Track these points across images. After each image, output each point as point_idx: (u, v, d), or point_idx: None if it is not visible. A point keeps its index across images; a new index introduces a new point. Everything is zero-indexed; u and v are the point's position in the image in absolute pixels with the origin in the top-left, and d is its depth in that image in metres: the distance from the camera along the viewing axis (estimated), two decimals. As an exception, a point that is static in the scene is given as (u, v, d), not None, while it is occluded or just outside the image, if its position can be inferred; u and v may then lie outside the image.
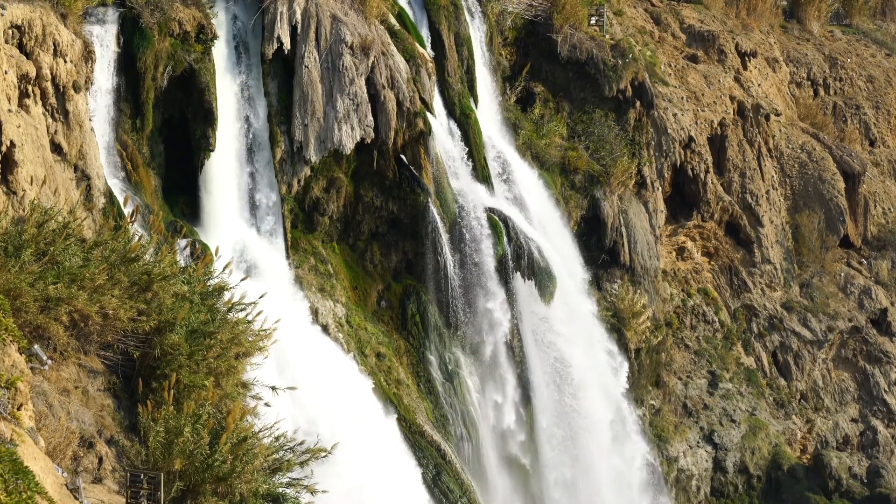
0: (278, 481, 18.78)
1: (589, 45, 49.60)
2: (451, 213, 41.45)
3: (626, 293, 48.58)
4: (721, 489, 51.53)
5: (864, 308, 58.32)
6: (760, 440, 52.47)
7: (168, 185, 36.25)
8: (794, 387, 55.58)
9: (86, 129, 31.40)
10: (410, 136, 40.51)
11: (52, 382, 18.67)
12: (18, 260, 18.42)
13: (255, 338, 21.06)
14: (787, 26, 67.90)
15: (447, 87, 44.15)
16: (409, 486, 36.66)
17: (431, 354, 41.14)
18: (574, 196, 48.04)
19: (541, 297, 43.25)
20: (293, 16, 38.31)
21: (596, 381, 45.77)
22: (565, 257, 45.65)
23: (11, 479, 13.06)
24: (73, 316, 18.96)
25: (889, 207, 63.16)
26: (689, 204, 54.77)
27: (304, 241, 39.48)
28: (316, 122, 38.44)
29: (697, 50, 59.16)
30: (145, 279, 20.01)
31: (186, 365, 19.42)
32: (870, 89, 67.55)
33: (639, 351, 49.16)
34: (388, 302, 41.37)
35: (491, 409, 42.29)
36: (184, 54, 35.62)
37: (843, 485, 53.06)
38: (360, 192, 40.59)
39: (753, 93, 58.99)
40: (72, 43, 30.91)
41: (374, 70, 39.37)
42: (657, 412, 50.63)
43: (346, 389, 36.11)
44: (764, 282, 56.53)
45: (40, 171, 27.50)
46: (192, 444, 17.45)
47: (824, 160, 60.06)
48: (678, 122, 53.08)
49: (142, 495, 16.75)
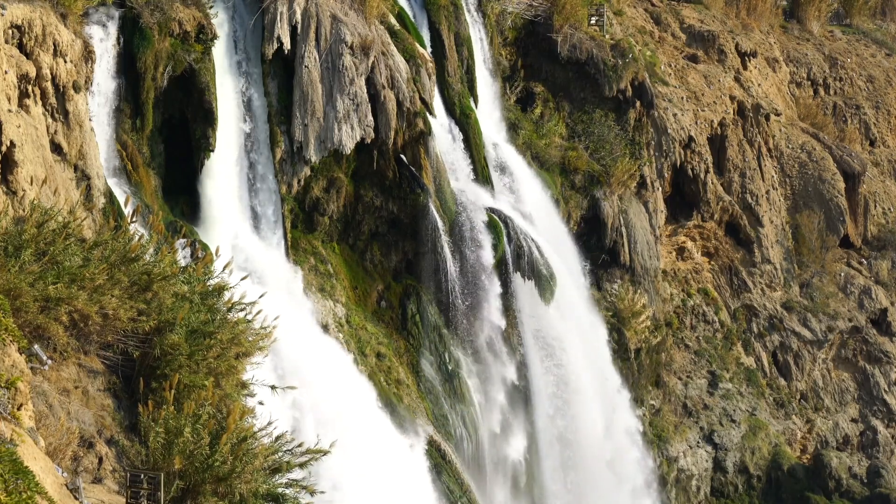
0: (278, 481, 18.77)
1: (589, 45, 49.61)
2: (451, 213, 41.44)
3: (626, 293, 48.59)
4: (721, 489, 51.52)
5: (864, 308, 58.31)
6: (760, 440, 52.46)
7: (168, 185, 36.23)
8: (794, 387, 55.57)
9: (86, 129, 31.39)
10: (410, 136, 40.50)
11: (52, 382, 18.66)
12: (18, 260, 18.42)
13: (255, 337, 21.04)
14: (787, 26, 67.89)
15: (447, 87, 44.14)
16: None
17: (431, 354, 41.13)
18: (574, 196, 48.05)
19: (541, 297, 43.26)
20: (293, 16, 38.30)
21: (595, 381, 45.79)
22: (565, 257, 45.65)
23: (11, 479, 13.06)
24: (73, 316, 18.95)
25: (889, 207, 63.16)
26: (689, 204, 54.77)
27: (304, 241, 39.47)
28: (316, 122, 38.43)
29: (697, 50, 59.16)
30: (145, 279, 20.00)
31: (186, 365, 19.41)
32: (870, 89, 67.54)
33: (639, 351, 49.16)
34: (388, 302, 41.36)
35: (490, 408, 42.27)
36: (184, 54, 35.60)
37: (843, 485, 53.04)
38: (360, 192, 40.58)
39: (753, 93, 58.98)
40: (72, 43, 30.90)
41: (374, 70, 39.35)
42: (657, 412, 50.63)
43: (346, 389, 36.10)
44: (764, 282, 56.53)
45: (40, 171, 27.49)
46: (192, 445, 17.45)
47: (824, 160, 60.06)
48: (678, 122, 53.08)
49: (142, 495, 16.75)
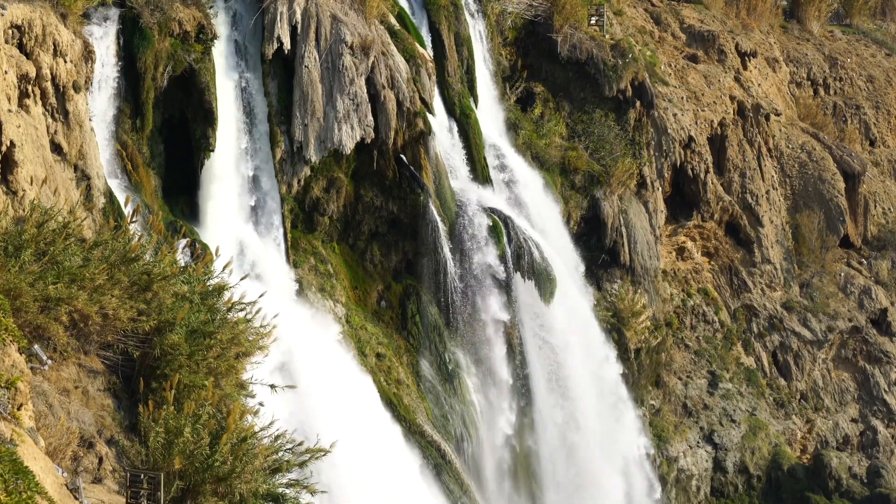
0: (278, 481, 18.76)
1: (589, 45, 49.60)
2: (451, 213, 41.44)
3: (626, 293, 48.58)
4: (721, 489, 51.52)
5: (864, 308, 58.31)
6: (760, 440, 52.46)
7: (168, 185, 36.23)
8: (794, 387, 55.57)
9: (86, 129, 31.39)
10: (410, 136, 40.50)
11: (52, 382, 18.66)
12: (18, 260, 18.41)
13: (255, 337, 21.03)
14: (787, 26, 67.89)
15: (447, 87, 44.14)
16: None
17: (431, 354, 41.13)
18: (574, 196, 48.04)
19: (540, 297, 43.25)
20: (293, 16, 38.30)
21: (595, 381, 45.77)
22: (565, 257, 45.65)
23: (11, 479, 13.05)
24: (73, 316, 18.94)
25: (889, 207, 63.16)
26: (689, 204, 54.76)
27: (304, 241, 39.47)
28: (316, 122, 38.43)
29: (697, 50, 59.16)
30: (145, 279, 19.99)
31: (186, 365, 19.40)
32: (870, 89, 67.54)
33: (639, 351, 49.15)
34: (388, 302, 41.36)
35: (490, 408, 42.27)
36: (184, 54, 35.61)
37: (843, 485, 53.04)
38: (360, 192, 40.58)
39: (753, 93, 58.98)
40: (72, 43, 30.90)
41: (374, 70, 39.36)
42: (657, 412, 50.62)
43: (346, 389, 36.10)
44: (764, 282, 56.53)
45: (40, 171, 27.49)
46: (192, 445, 17.44)
47: (824, 160, 60.05)
48: (678, 122, 53.07)
49: (142, 495, 16.74)
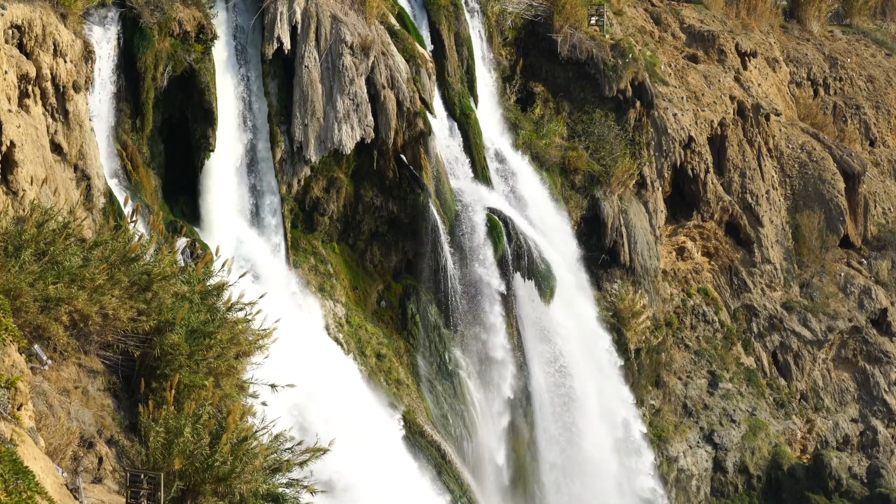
0: (278, 481, 18.78)
1: (589, 45, 49.60)
2: (451, 213, 41.44)
3: (626, 293, 48.57)
4: (721, 489, 51.51)
5: (864, 308, 58.30)
6: (760, 440, 52.46)
7: (168, 185, 36.23)
8: (794, 387, 55.57)
9: (86, 129, 31.39)
10: (410, 136, 40.49)
11: (52, 382, 18.66)
12: (18, 260, 18.43)
13: (255, 337, 21.05)
14: (787, 26, 67.89)
15: (447, 87, 44.13)
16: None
17: (431, 354, 41.12)
18: (574, 196, 48.03)
19: (540, 297, 43.25)
20: (293, 16, 38.30)
21: (595, 381, 45.77)
22: (565, 257, 45.64)
23: (11, 479, 13.06)
24: (73, 316, 18.95)
25: (889, 207, 63.15)
26: (689, 204, 54.75)
27: (304, 241, 39.47)
28: (316, 122, 38.43)
29: (697, 50, 59.15)
30: (145, 279, 20.01)
31: (186, 365, 19.42)
32: (870, 89, 67.54)
33: (639, 351, 49.14)
34: (388, 302, 41.35)
35: (490, 408, 42.27)
36: (184, 54, 35.60)
37: (843, 485, 53.04)
38: (360, 192, 40.58)
39: (753, 93, 58.97)
40: (72, 43, 30.89)
41: (374, 70, 39.36)
42: (657, 412, 50.62)
43: (345, 389, 36.10)
44: (764, 282, 56.52)
45: (40, 171, 27.49)
46: (193, 445, 17.45)
47: (824, 160, 60.05)
48: (678, 122, 53.07)
49: (142, 495, 16.76)
